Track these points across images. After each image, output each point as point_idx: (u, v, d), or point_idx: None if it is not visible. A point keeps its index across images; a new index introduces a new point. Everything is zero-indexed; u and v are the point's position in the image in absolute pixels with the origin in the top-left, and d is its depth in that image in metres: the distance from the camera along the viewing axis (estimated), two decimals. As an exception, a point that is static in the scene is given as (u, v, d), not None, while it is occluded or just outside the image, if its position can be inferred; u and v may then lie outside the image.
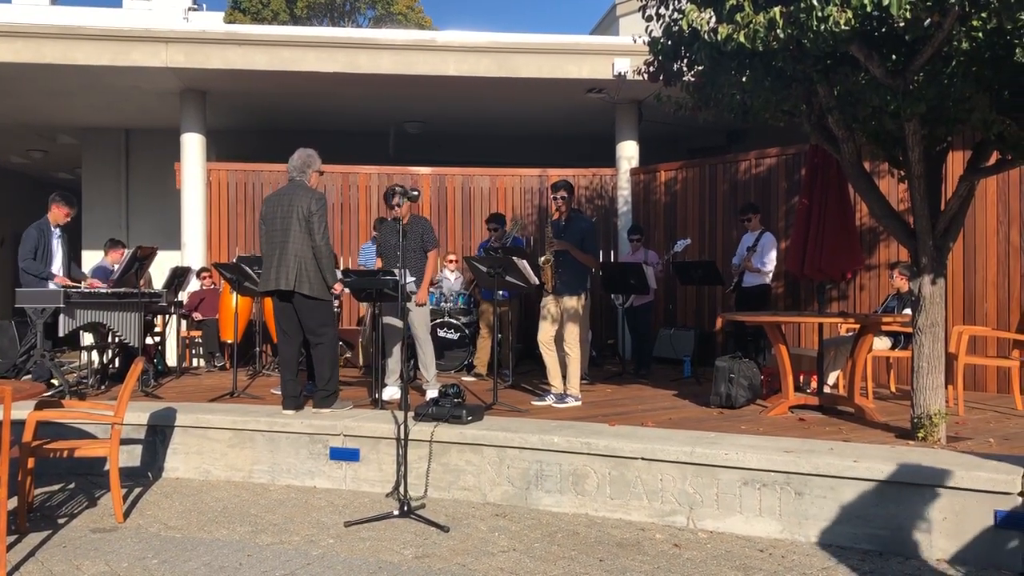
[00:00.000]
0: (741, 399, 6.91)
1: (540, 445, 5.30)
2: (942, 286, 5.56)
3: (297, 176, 6.49)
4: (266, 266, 6.37)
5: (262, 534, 4.79)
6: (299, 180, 6.48)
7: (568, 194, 7.02)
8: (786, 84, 5.09)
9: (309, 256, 6.26)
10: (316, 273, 6.27)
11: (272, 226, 6.37)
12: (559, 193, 7.01)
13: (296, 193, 6.37)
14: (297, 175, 6.49)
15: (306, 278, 6.24)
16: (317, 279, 6.28)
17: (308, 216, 6.25)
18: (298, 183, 6.46)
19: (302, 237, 6.26)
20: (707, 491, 4.88)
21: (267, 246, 6.39)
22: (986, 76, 4.76)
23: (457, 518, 5.11)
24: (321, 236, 6.27)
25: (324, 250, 6.27)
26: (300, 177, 6.49)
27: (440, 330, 9.68)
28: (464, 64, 10.01)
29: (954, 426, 6.04)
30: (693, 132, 12.89)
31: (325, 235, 6.30)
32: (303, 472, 5.89)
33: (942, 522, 4.34)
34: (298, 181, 6.47)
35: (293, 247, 6.25)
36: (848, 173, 5.67)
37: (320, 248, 6.26)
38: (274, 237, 6.34)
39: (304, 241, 6.26)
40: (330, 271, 6.33)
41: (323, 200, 6.38)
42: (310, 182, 6.51)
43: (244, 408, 6.49)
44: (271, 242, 6.35)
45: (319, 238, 6.26)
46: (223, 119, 12.39)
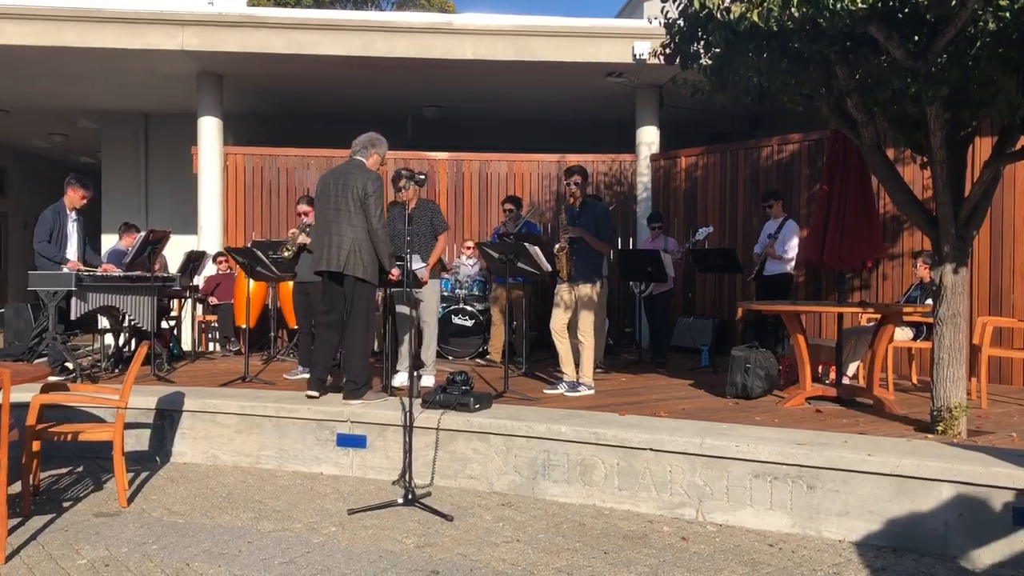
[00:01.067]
0: (757, 389, 6.78)
1: (547, 434, 5.21)
2: (964, 275, 5.40)
3: (358, 155, 6.30)
4: (317, 246, 6.21)
5: (265, 520, 4.75)
6: (358, 160, 6.28)
7: (583, 179, 6.90)
8: (803, 66, 4.93)
9: (364, 238, 6.05)
10: (371, 256, 6.07)
11: (325, 204, 6.18)
12: (573, 178, 6.89)
13: (352, 172, 6.17)
14: (358, 153, 6.30)
15: (359, 261, 6.04)
16: (371, 262, 6.07)
17: (364, 197, 6.05)
18: (357, 162, 6.26)
19: (357, 218, 6.05)
20: (717, 483, 4.77)
21: (320, 225, 6.20)
22: (1012, 58, 4.58)
23: (462, 507, 5.04)
24: (377, 219, 6.04)
25: (380, 233, 6.05)
26: (360, 156, 6.28)
27: (455, 317, 9.62)
28: (481, 47, 9.89)
29: (976, 420, 5.88)
30: (716, 118, 12.67)
31: (382, 218, 6.07)
32: (310, 458, 5.85)
33: (958, 519, 4.20)
34: (357, 160, 6.27)
35: (346, 228, 6.06)
36: (868, 158, 5.51)
37: (376, 231, 6.04)
38: (326, 216, 6.15)
39: (359, 222, 6.04)
40: (387, 255, 6.12)
41: (380, 181, 6.14)
42: (370, 163, 6.30)
43: (253, 393, 6.45)
44: (323, 221, 6.16)
45: (375, 220, 6.03)
46: (240, 103, 12.36)
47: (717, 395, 6.96)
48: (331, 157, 10.90)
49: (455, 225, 11.19)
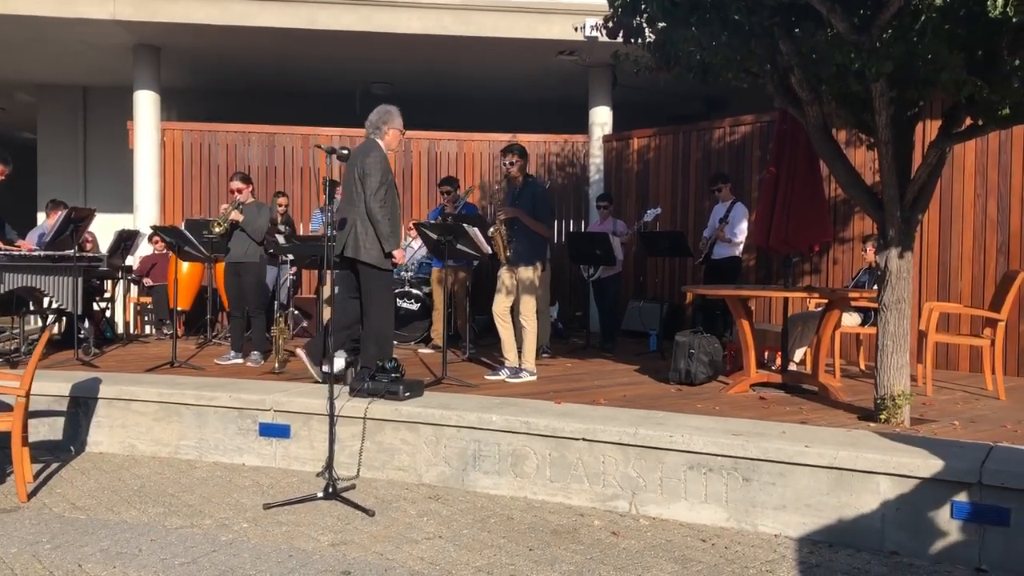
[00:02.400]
0: (701, 376, 6.62)
1: (478, 424, 4.98)
2: (910, 260, 5.25)
3: (371, 133, 6.02)
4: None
5: (174, 516, 4.47)
6: (371, 138, 6.00)
7: (520, 158, 6.66)
8: (745, 40, 4.72)
9: (367, 219, 5.79)
10: (375, 238, 5.80)
11: (345, 187, 5.96)
12: (509, 157, 6.64)
13: (358, 152, 5.93)
14: (371, 131, 6.02)
15: (363, 243, 5.78)
16: (375, 245, 5.81)
17: (362, 176, 5.79)
18: (369, 141, 5.99)
19: (360, 200, 5.80)
20: (651, 475, 4.57)
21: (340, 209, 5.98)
22: (959, 34, 4.41)
23: (387, 500, 4.80)
24: (373, 196, 5.74)
25: (377, 213, 5.74)
26: (373, 134, 6.00)
27: (400, 300, 9.34)
28: (427, 21, 9.59)
29: (920, 407, 5.76)
30: (672, 100, 12.50)
31: (379, 195, 5.76)
32: (231, 448, 5.57)
33: (896, 513, 4.05)
34: (370, 140, 6.00)
35: (352, 211, 5.81)
36: (813, 138, 5.33)
37: (372, 211, 5.74)
38: (345, 199, 5.93)
39: (362, 204, 5.80)
40: (386, 236, 5.80)
41: (379, 159, 5.85)
42: (385, 139, 5.99)
43: (173, 380, 6.14)
44: (342, 205, 5.94)
45: (370, 199, 5.75)
46: (183, 78, 11.93)
47: (661, 381, 6.79)
48: (273, 133, 10.56)
49: (402, 206, 10.88)
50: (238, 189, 7.45)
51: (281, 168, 10.69)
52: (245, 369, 7.21)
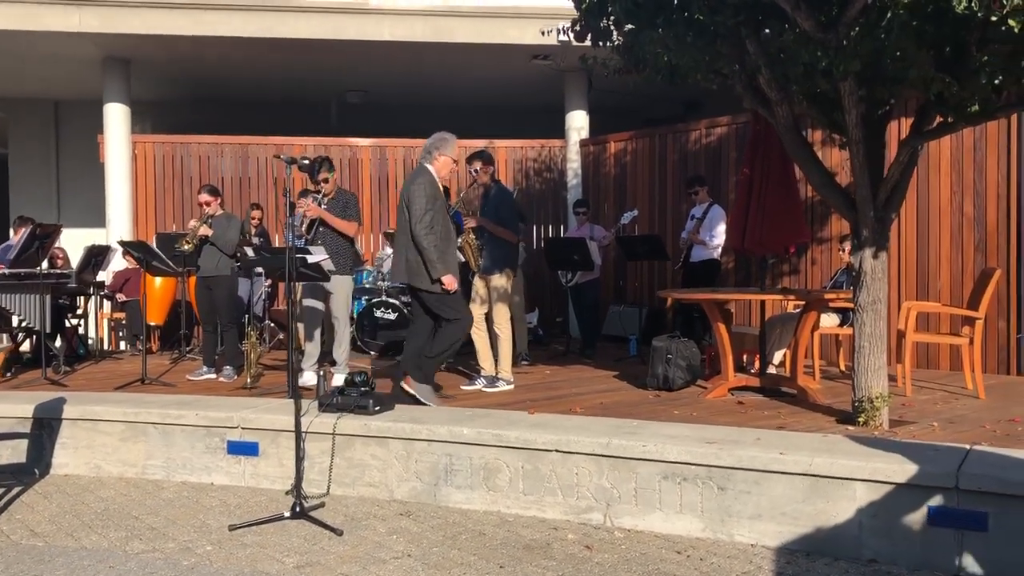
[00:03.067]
0: (679, 381, 6.53)
1: (449, 437, 4.87)
2: (884, 260, 5.19)
3: (423, 158, 5.96)
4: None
5: (136, 540, 4.35)
6: (422, 164, 5.93)
7: (484, 165, 6.57)
8: (710, 40, 4.64)
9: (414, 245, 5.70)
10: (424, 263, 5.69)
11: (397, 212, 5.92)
12: (474, 164, 6.56)
13: (410, 178, 5.90)
14: (423, 157, 5.96)
15: (415, 269, 5.69)
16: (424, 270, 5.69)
17: (409, 201, 5.69)
18: (419, 167, 5.93)
19: (407, 224, 5.71)
20: (625, 486, 4.48)
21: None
22: (928, 31, 4.34)
23: (357, 518, 4.68)
24: (418, 222, 5.61)
25: (423, 239, 5.61)
26: (424, 161, 5.93)
27: (377, 310, 9.23)
28: (399, 29, 9.49)
29: (899, 408, 5.70)
30: (650, 103, 12.41)
31: (425, 221, 5.61)
32: (199, 468, 5.44)
33: (873, 519, 3.97)
34: (421, 165, 5.93)
35: (403, 237, 5.75)
36: (784, 139, 5.26)
37: (418, 236, 5.62)
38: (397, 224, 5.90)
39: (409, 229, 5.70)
40: (433, 262, 5.65)
41: (426, 183, 5.74)
42: (435, 165, 5.89)
43: (139, 398, 6.01)
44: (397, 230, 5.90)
45: (415, 225, 5.63)
46: (154, 90, 11.79)
47: (639, 387, 6.71)
48: (247, 144, 10.43)
49: (380, 214, 10.81)
50: (206, 202, 7.32)
51: (255, 179, 10.57)
52: (217, 384, 7.09)
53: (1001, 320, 7.29)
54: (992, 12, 3.57)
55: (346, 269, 6.79)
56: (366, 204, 10.77)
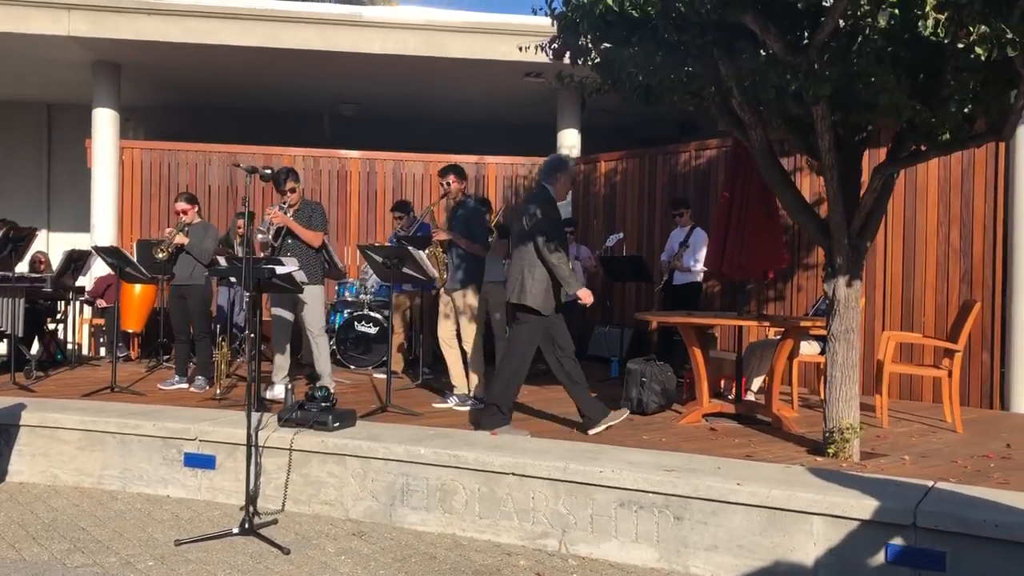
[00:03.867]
0: (653, 405, 6.43)
1: (406, 456, 4.77)
2: (858, 289, 5.10)
3: (542, 179, 5.88)
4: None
5: (77, 553, 4.25)
6: (542, 184, 5.85)
7: (457, 179, 6.50)
8: (680, 60, 4.57)
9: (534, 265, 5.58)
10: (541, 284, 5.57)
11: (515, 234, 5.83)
12: (447, 178, 6.48)
13: (529, 198, 5.85)
14: (542, 178, 5.88)
15: (529, 288, 5.58)
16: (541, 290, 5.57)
17: (531, 222, 5.60)
18: (539, 188, 5.85)
19: (526, 245, 5.62)
20: (581, 512, 4.37)
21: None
22: (903, 57, 4.26)
23: (307, 537, 4.58)
24: (544, 243, 5.52)
25: (551, 258, 5.53)
26: (544, 182, 5.85)
27: (359, 324, 9.14)
28: (391, 42, 9.46)
29: (874, 440, 5.59)
30: (644, 122, 12.39)
31: (547, 245, 5.53)
32: (156, 479, 5.34)
33: (830, 555, 3.86)
34: (540, 186, 5.86)
35: (517, 256, 5.67)
36: (759, 162, 5.17)
37: (546, 258, 5.53)
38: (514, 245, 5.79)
39: (529, 249, 5.60)
40: (566, 279, 5.59)
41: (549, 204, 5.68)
42: (556, 187, 5.81)
43: (100, 407, 5.92)
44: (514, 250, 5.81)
45: (541, 245, 5.53)
46: (148, 96, 11.77)
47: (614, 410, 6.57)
48: (235, 153, 10.37)
49: (368, 227, 10.73)
50: (183, 210, 7.26)
51: (241, 188, 10.51)
52: (188, 395, 6.99)
53: (985, 353, 7.18)
54: (959, 39, 3.49)
55: (317, 279, 6.71)
56: (354, 216, 10.72)
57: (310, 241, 6.57)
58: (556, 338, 5.70)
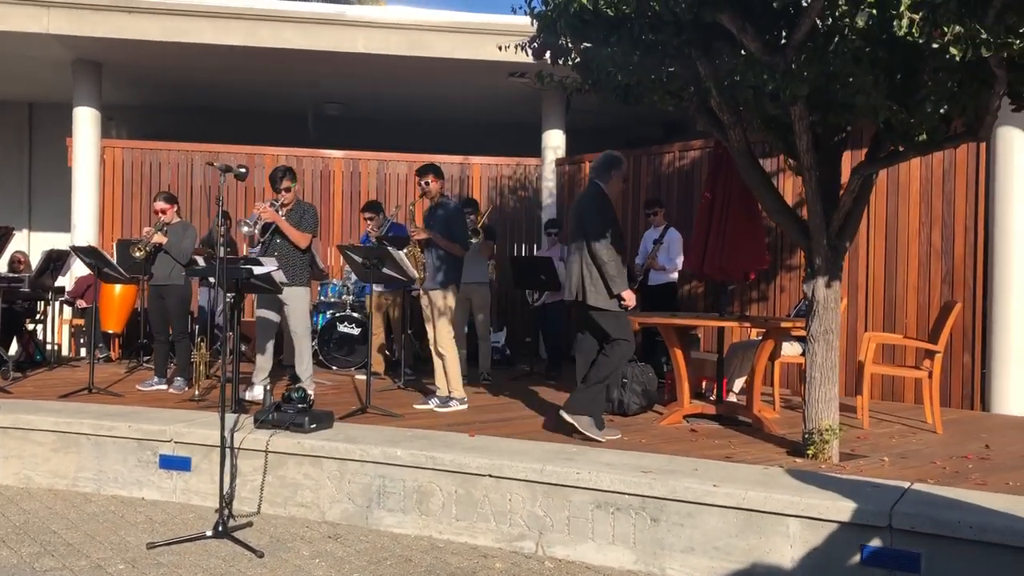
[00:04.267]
0: (634, 406, 6.41)
1: (382, 458, 4.73)
2: (838, 289, 5.08)
3: (594, 177, 5.85)
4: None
5: (47, 557, 4.19)
6: (595, 182, 5.82)
7: (435, 178, 6.46)
8: (658, 59, 4.54)
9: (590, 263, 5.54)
10: (600, 281, 5.54)
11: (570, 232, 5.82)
12: (425, 177, 6.44)
13: (583, 196, 5.84)
14: (594, 175, 5.85)
15: (589, 287, 5.54)
16: (601, 288, 5.54)
17: (585, 219, 5.58)
18: (592, 185, 5.82)
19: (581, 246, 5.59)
20: (558, 514, 4.35)
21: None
22: (881, 58, 4.25)
23: (282, 540, 4.53)
24: (596, 239, 5.48)
25: (602, 255, 5.47)
26: (597, 179, 5.82)
27: (341, 324, 9.09)
28: (373, 42, 9.40)
29: (854, 441, 5.58)
30: (630, 124, 12.37)
31: (600, 239, 5.49)
32: (131, 481, 5.29)
33: (806, 556, 3.84)
34: (593, 183, 5.82)
35: (575, 254, 5.63)
36: (738, 163, 5.16)
37: (596, 254, 5.48)
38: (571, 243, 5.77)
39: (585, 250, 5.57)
40: (613, 278, 5.52)
41: (602, 201, 5.65)
42: (609, 184, 5.77)
43: (76, 408, 5.86)
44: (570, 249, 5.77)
45: (593, 242, 5.49)
46: (130, 95, 11.69)
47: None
48: (217, 152, 10.30)
49: (351, 227, 10.67)
50: (162, 210, 7.20)
51: (224, 188, 10.42)
52: (167, 396, 6.93)
53: (966, 354, 7.19)
54: (934, 40, 3.47)
55: (302, 280, 6.66)
56: (337, 216, 10.66)
57: (297, 241, 6.52)
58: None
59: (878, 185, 7.69)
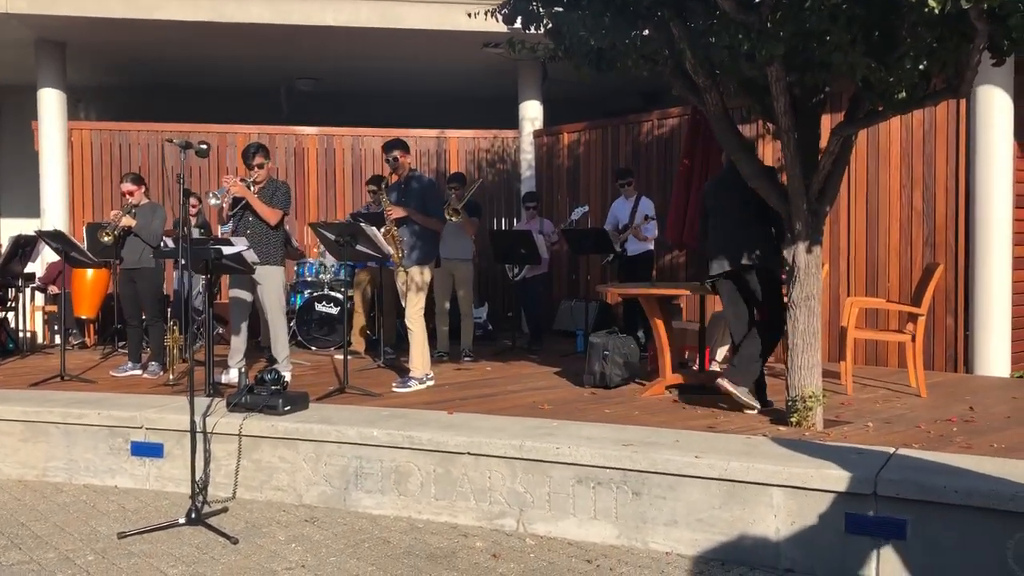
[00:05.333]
0: (616, 378, 6.32)
1: (359, 439, 4.63)
2: (819, 254, 5.00)
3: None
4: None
5: (14, 549, 4.08)
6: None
7: (403, 153, 6.30)
8: (630, 22, 4.41)
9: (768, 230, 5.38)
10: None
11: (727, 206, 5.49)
12: (392, 153, 6.28)
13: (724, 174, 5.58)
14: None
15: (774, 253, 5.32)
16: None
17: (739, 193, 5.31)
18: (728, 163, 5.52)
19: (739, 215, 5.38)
20: (538, 490, 4.26)
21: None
22: (858, 14, 4.13)
23: (258, 525, 4.43)
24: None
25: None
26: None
27: (319, 304, 8.95)
28: (343, 14, 9.18)
29: (838, 407, 5.53)
30: (607, 93, 12.20)
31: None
32: (103, 470, 5.17)
33: (790, 527, 3.78)
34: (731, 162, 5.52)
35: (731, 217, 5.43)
36: (715, 127, 5.04)
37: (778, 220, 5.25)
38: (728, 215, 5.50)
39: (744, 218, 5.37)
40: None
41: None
42: None
43: (43, 396, 5.72)
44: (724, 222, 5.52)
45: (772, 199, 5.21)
46: (98, 76, 11.42)
47: (578, 384, 6.48)
48: (188, 132, 10.08)
49: (327, 205, 10.50)
50: (129, 192, 7.01)
51: (196, 168, 10.24)
52: (141, 381, 6.80)
53: (949, 316, 7.14)
54: (912, -9, 3.36)
55: (275, 259, 6.51)
56: (312, 194, 10.49)
57: (267, 218, 6.37)
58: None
59: (858, 148, 7.60)
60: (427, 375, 6.36)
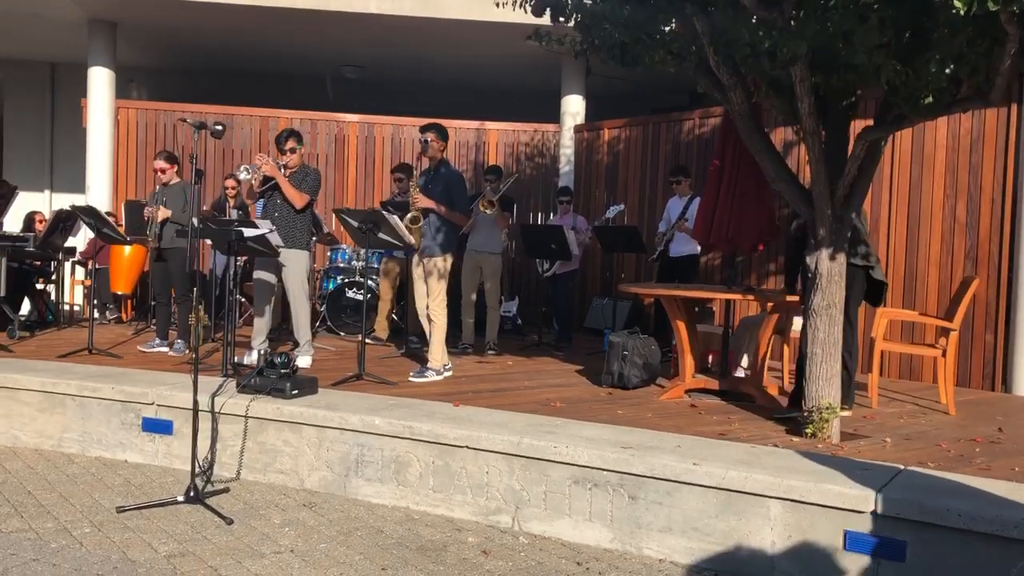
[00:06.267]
0: (634, 379, 6.22)
1: (361, 427, 4.62)
2: (843, 262, 4.84)
3: None
4: None
5: (16, 517, 4.15)
6: None
7: (437, 137, 6.26)
8: (651, 15, 4.30)
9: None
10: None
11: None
12: (427, 134, 6.23)
13: None
14: None
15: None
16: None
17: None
18: None
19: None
20: (535, 488, 4.20)
21: None
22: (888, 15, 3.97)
23: (256, 507, 4.45)
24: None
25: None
26: None
27: (350, 290, 9.00)
28: (385, 2, 9.20)
29: (859, 420, 5.36)
30: (655, 91, 12.04)
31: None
32: (114, 444, 5.24)
33: (787, 540, 3.66)
34: None
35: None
36: (738, 126, 4.91)
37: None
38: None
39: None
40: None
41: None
42: None
43: (62, 368, 5.82)
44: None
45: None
46: (149, 57, 11.63)
47: (597, 384, 6.39)
48: (232, 115, 10.22)
49: (366, 192, 10.55)
50: (161, 169, 7.11)
51: (238, 151, 10.36)
52: (166, 358, 6.90)
53: (988, 333, 6.88)
54: (937, -9, 3.21)
55: (300, 243, 6.54)
56: (351, 181, 10.54)
57: (293, 200, 6.40)
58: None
59: (901, 155, 7.38)
60: (445, 366, 6.34)
